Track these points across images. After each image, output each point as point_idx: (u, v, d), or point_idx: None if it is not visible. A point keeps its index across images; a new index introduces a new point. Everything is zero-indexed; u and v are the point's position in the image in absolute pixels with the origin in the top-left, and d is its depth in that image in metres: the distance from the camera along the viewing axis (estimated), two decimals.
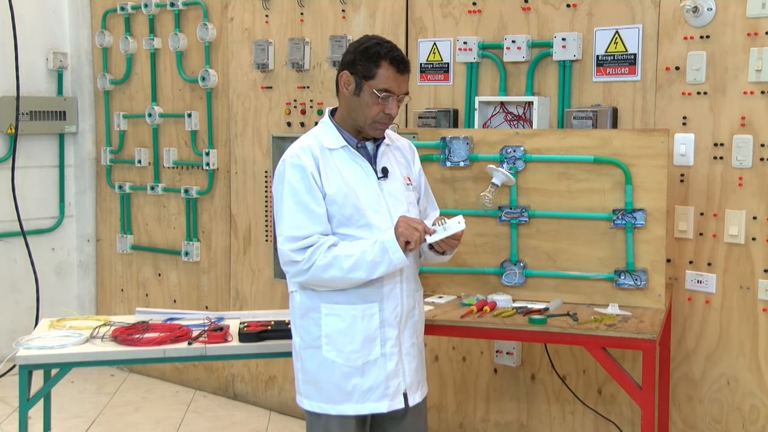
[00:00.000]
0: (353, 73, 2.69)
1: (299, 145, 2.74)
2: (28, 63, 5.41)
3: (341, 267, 2.62)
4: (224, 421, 4.73)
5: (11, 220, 5.28)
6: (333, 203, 2.67)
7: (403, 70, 2.70)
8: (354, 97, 2.71)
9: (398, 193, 2.79)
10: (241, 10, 4.79)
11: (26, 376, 3.09)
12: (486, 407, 4.12)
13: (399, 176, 2.83)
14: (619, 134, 3.31)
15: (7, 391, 4.95)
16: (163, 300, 5.36)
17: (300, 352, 2.79)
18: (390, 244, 2.63)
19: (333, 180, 2.69)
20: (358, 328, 2.71)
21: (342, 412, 2.73)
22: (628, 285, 3.26)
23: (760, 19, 3.30)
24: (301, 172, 2.66)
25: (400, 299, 2.77)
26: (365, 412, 2.74)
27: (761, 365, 3.40)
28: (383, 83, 2.67)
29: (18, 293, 5.49)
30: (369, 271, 2.64)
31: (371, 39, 2.73)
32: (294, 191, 2.66)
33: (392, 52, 2.68)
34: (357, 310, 2.71)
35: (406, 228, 2.65)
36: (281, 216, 2.68)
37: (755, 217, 3.37)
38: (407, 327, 2.80)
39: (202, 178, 5.09)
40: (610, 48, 3.63)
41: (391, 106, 2.69)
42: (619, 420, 3.76)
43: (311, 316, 2.74)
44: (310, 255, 2.63)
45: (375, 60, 2.67)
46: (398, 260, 2.65)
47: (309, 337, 2.75)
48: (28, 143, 5.50)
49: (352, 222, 2.69)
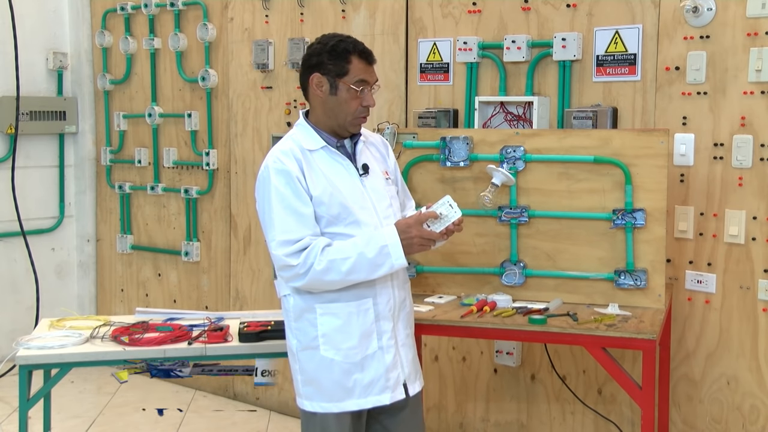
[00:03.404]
0: (325, 74, 2.74)
1: (280, 149, 2.75)
2: (28, 63, 5.41)
3: (339, 270, 2.64)
4: (224, 421, 4.73)
5: (11, 220, 5.28)
6: (320, 204, 2.69)
7: (371, 60, 2.78)
8: (330, 97, 2.75)
9: (380, 189, 2.83)
10: (241, 10, 4.79)
11: (26, 376, 3.09)
12: (486, 407, 4.12)
13: (378, 171, 2.86)
14: (619, 134, 3.31)
15: (7, 391, 4.95)
16: (163, 300, 5.36)
17: (297, 354, 2.79)
18: (394, 249, 2.66)
19: (318, 181, 2.71)
20: (354, 324, 2.72)
21: (345, 409, 2.74)
22: (628, 285, 3.26)
23: (760, 19, 3.30)
24: (286, 177, 2.67)
25: (392, 292, 2.79)
26: (368, 406, 2.76)
27: (761, 365, 3.40)
28: (357, 76, 2.73)
29: (18, 293, 5.49)
30: (369, 272, 2.66)
31: (333, 37, 2.78)
32: (281, 196, 2.67)
33: (357, 45, 2.76)
34: (352, 306, 2.72)
35: (420, 244, 2.71)
36: (271, 222, 2.68)
37: (755, 217, 3.37)
38: (400, 318, 2.82)
39: (202, 178, 5.09)
40: (610, 48, 3.63)
41: (368, 98, 2.75)
42: (619, 420, 3.76)
43: (306, 317, 2.75)
44: (306, 258, 2.63)
45: (345, 56, 2.72)
46: (399, 265, 2.69)
47: (305, 338, 2.75)
48: (28, 143, 5.50)
49: (340, 220, 2.71)
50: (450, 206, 2.73)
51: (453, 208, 2.73)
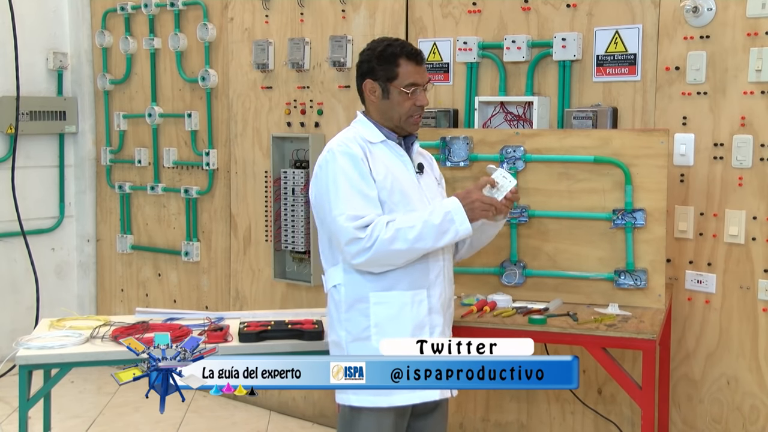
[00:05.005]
0: (376, 80, 2.78)
1: (344, 136, 2.80)
2: (28, 63, 5.40)
3: (406, 238, 2.65)
4: (224, 421, 4.73)
5: (11, 220, 5.28)
6: (383, 188, 2.73)
7: (420, 61, 2.79)
8: (384, 101, 2.79)
9: (432, 189, 2.89)
10: (241, 10, 4.79)
11: (26, 376, 3.09)
12: (486, 407, 4.12)
13: (431, 173, 2.94)
14: (619, 134, 3.31)
15: (7, 391, 4.95)
16: (163, 300, 5.36)
17: (347, 347, 2.77)
18: (458, 215, 2.69)
19: (380, 168, 2.75)
20: (408, 315, 2.74)
21: (393, 404, 2.73)
22: (628, 285, 3.26)
23: (760, 19, 3.30)
24: (352, 159, 2.71)
25: (443, 287, 2.82)
26: (417, 401, 2.76)
27: (761, 365, 3.40)
28: (408, 79, 2.76)
29: (18, 293, 5.48)
30: (435, 240, 2.68)
31: (381, 42, 2.81)
32: (348, 177, 2.70)
33: (405, 47, 2.79)
34: (407, 296, 2.74)
35: (483, 209, 2.71)
36: (337, 199, 2.69)
37: (755, 217, 3.37)
38: (446, 317, 2.85)
39: (202, 178, 5.09)
40: (610, 48, 3.63)
41: (421, 97, 2.79)
42: (619, 420, 3.76)
43: (358, 307, 2.75)
44: (372, 230, 2.65)
45: (393, 60, 2.75)
46: (464, 230, 2.70)
47: (356, 329, 2.75)
48: (28, 143, 5.50)
49: (400, 207, 2.73)
50: (504, 177, 2.77)
51: (507, 178, 2.76)
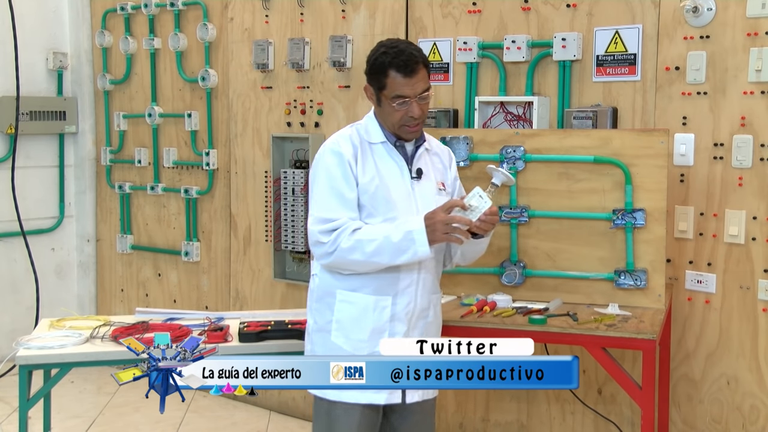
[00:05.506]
0: (371, 85, 2.78)
1: (341, 133, 2.82)
2: (28, 63, 5.40)
3: (364, 251, 2.66)
4: (224, 421, 4.73)
5: (11, 220, 5.28)
6: (364, 192, 2.73)
7: (410, 73, 2.70)
8: (378, 107, 2.80)
9: (429, 196, 2.82)
10: (241, 10, 4.79)
11: (26, 376, 3.09)
12: (486, 407, 4.12)
13: (433, 180, 2.87)
14: (619, 134, 3.31)
15: (7, 391, 4.95)
16: (163, 300, 5.36)
17: (311, 335, 2.84)
18: (418, 236, 2.66)
19: (368, 170, 2.75)
20: (369, 318, 2.75)
21: (341, 399, 2.76)
22: (628, 285, 3.26)
23: (760, 19, 3.30)
24: (338, 158, 2.72)
25: (414, 297, 2.79)
26: (363, 401, 2.77)
27: (761, 365, 3.40)
28: (394, 91, 2.71)
29: (18, 293, 5.48)
30: (392, 257, 2.67)
31: (379, 48, 2.76)
32: (330, 176, 2.72)
33: (396, 58, 2.69)
34: (370, 300, 2.75)
35: (444, 231, 2.66)
36: (314, 199, 2.75)
37: (755, 217, 3.37)
38: (417, 327, 2.81)
39: (202, 178, 5.09)
40: (610, 48, 3.62)
41: (412, 109, 2.72)
42: (619, 420, 3.76)
43: (326, 300, 2.79)
44: (336, 237, 2.67)
45: (382, 70, 2.72)
46: (423, 253, 2.68)
47: (322, 320, 2.80)
48: (28, 143, 5.50)
49: (380, 214, 2.73)
50: (480, 197, 2.74)
51: (483, 198, 2.73)
